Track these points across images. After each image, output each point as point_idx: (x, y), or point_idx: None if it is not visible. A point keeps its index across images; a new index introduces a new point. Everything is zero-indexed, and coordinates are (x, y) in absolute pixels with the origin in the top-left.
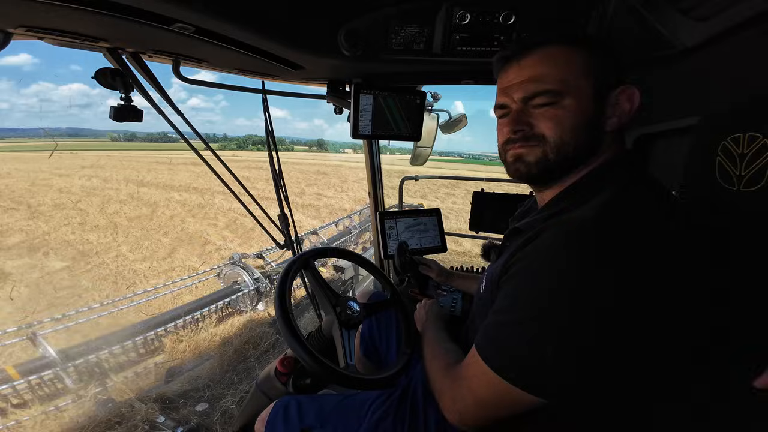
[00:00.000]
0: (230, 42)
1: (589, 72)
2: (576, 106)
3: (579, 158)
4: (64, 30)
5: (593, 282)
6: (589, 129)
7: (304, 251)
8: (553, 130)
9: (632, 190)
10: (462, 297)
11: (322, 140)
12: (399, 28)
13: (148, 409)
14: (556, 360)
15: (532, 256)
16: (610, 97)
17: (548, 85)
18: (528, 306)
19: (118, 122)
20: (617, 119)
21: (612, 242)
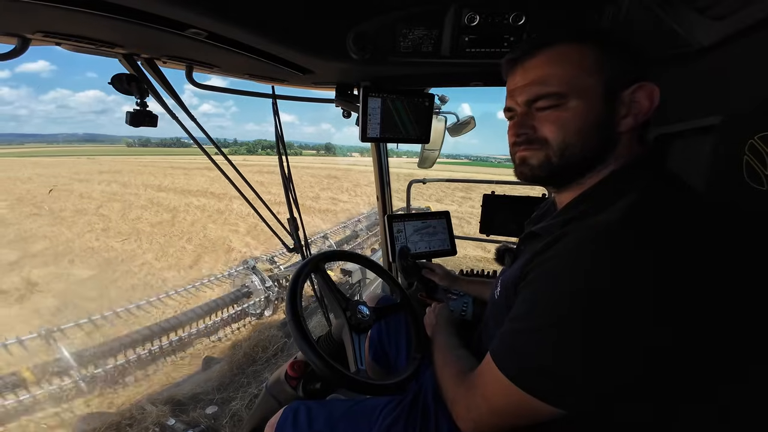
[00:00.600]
0: (241, 47)
1: (600, 69)
2: (583, 107)
3: (589, 161)
4: (81, 36)
5: (624, 284)
6: (599, 130)
7: (314, 254)
8: (556, 133)
9: (658, 191)
10: (473, 301)
11: (330, 144)
12: (407, 30)
13: (158, 412)
14: (578, 369)
15: (553, 261)
16: (624, 95)
17: (552, 87)
18: (548, 312)
19: (134, 127)
20: (632, 118)
21: (641, 244)
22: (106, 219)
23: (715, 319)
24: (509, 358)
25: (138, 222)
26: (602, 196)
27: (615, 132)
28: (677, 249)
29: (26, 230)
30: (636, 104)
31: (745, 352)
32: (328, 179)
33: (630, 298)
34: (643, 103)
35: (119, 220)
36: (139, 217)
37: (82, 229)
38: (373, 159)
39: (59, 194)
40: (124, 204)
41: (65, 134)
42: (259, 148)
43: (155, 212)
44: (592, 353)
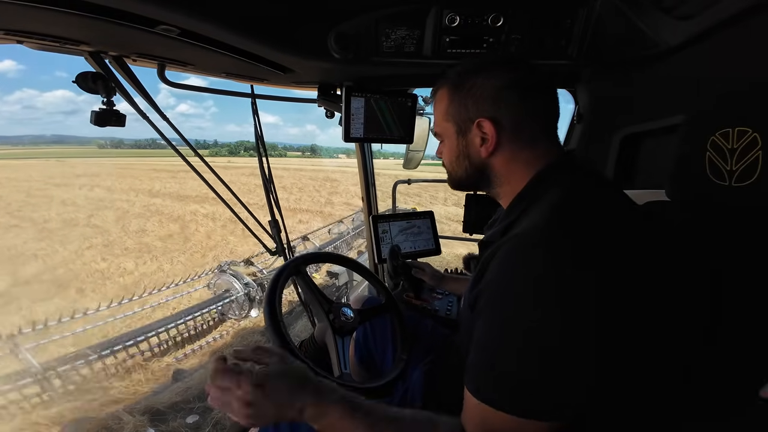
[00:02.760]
0: (217, 45)
1: (449, 112)
2: (449, 143)
3: (472, 181)
4: (44, 33)
5: (565, 285)
6: (464, 159)
7: (294, 257)
8: (444, 160)
9: (577, 187)
10: (457, 300)
11: (315, 146)
12: (389, 30)
13: (136, 422)
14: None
15: (494, 283)
16: (471, 130)
17: (436, 128)
18: (503, 336)
19: (100, 127)
20: (485, 149)
21: (568, 243)
22: (102, 231)
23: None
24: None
25: (143, 235)
26: (523, 203)
27: (479, 158)
28: (603, 242)
29: (9, 247)
30: (486, 134)
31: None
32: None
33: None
34: (489, 132)
35: (119, 232)
36: (142, 228)
37: (80, 246)
38: (357, 159)
39: (38, 201)
40: (118, 212)
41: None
42: (242, 149)
43: (159, 222)
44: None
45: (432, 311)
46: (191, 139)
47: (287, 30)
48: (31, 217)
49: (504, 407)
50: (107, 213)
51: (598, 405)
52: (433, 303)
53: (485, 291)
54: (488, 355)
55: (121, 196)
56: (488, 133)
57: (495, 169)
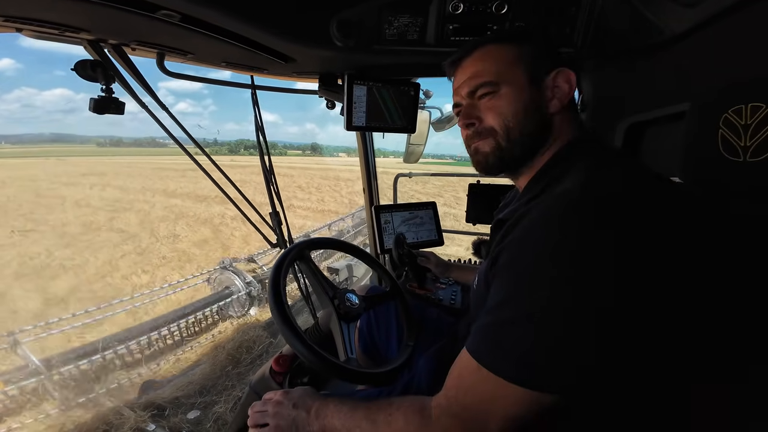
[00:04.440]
0: (218, 31)
1: (520, 61)
2: (513, 93)
3: (531, 141)
4: (43, 20)
5: (594, 246)
6: (531, 112)
7: (299, 241)
8: (498, 119)
9: (611, 158)
10: (461, 290)
11: (316, 144)
12: (392, 17)
13: (137, 417)
14: (570, 343)
15: (518, 241)
16: (547, 81)
17: (485, 77)
18: (525, 294)
19: (98, 114)
20: (558, 101)
21: (605, 205)
22: (130, 237)
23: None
24: (491, 351)
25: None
26: (557, 171)
27: (547, 113)
28: (641, 210)
29: (32, 256)
30: (558, 88)
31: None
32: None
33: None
34: (563, 86)
35: (149, 238)
36: (173, 233)
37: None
38: (359, 150)
39: (49, 202)
40: (140, 215)
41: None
42: (242, 148)
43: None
44: (580, 324)
45: (436, 300)
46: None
47: (289, 17)
48: (47, 219)
49: (498, 368)
50: (128, 215)
51: (596, 384)
52: (437, 292)
53: (506, 249)
54: (499, 312)
55: (137, 197)
56: (562, 87)
57: (554, 130)
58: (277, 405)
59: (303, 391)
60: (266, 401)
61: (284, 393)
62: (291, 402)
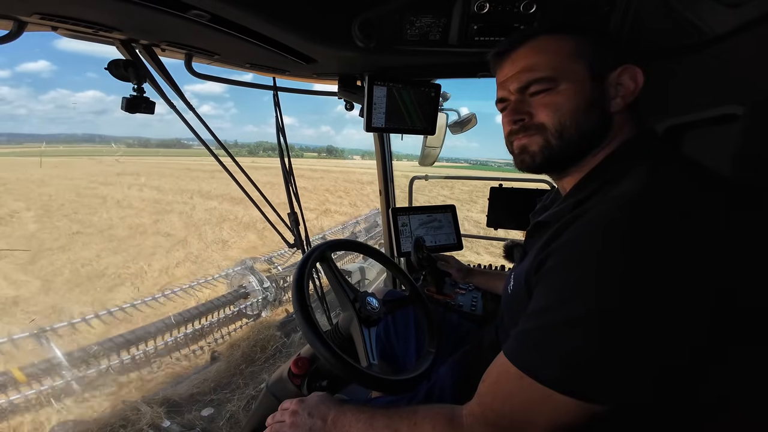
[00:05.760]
0: (244, 32)
1: (581, 55)
2: (573, 89)
3: (586, 141)
4: (79, 18)
5: (659, 253)
6: (592, 110)
7: (321, 243)
8: (552, 116)
9: (674, 160)
10: (482, 296)
11: (332, 146)
12: (414, 18)
13: (153, 413)
14: (627, 351)
15: (570, 245)
16: (610, 77)
17: (541, 72)
18: (578, 300)
19: (130, 113)
20: (621, 99)
21: (671, 211)
22: (179, 241)
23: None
24: (537, 357)
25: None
26: (611, 173)
27: (608, 112)
28: (710, 218)
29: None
30: (622, 86)
31: None
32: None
33: (677, 263)
34: (629, 84)
35: (198, 243)
36: (220, 238)
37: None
38: (376, 152)
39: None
40: (182, 217)
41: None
42: (261, 150)
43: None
44: (646, 334)
45: (456, 306)
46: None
47: (312, 17)
48: (92, 221)
49: (543, 376)
50: (172, 218)
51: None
52: (457, 298)
53: (555, 253)
54: (546, 317)
55: (175, 198)
56: (626, 84)
57: (613, 130)
58: (293, 415)
59: (318, 399)
60: (283, 411)
61: (299, 402)
62: (306, 411)
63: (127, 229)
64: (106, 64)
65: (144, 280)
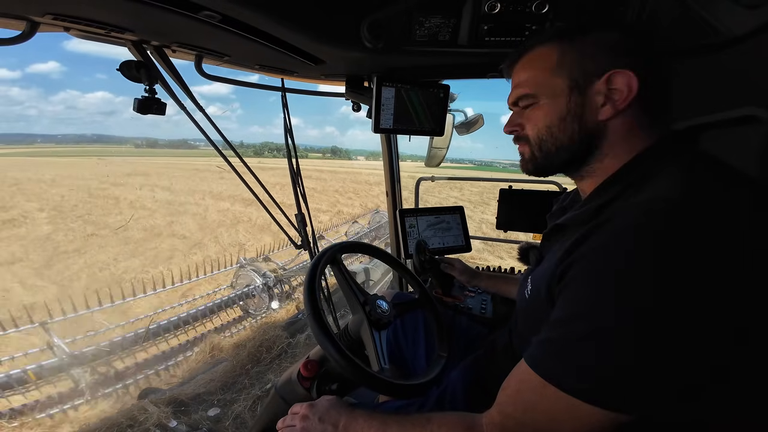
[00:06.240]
0: (254, 33)
1: (562, 66)
2: (550, 104)
3: (567, 152)
4: (91, 19)
5: (692, 260)
6: (568, 123)
7: (332, 244)
8: (533, 129)
9: (703, 163)
10: (491, 299)
11: (336, 147)
12: (423, 18)
13: (160, 413)
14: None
15: (602, 250)
16: (597, 85)
17: (525, 89)
18: (606, 309)
19: (142, 114)
20: (611, 106)
21: (701, 215)
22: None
23: None
24: (560, 366)
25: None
26: (633, 178)
27: (592, 121)
28: (745, 219)
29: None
30: (615, 91)
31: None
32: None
33: (712, 273)
34: (621, 89)
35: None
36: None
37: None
38: (383, 153)
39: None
40: (196, 218)
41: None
42: (266, 150)
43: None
44: (676, 344)
45: (465, 309)
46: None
47: (321, 18)
48: (106, 222)
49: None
50: (185, 219)
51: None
52: (466, 301)
53: (581, 259)
54: (571, 326)
55: (187, 199)
56: (620, 89)
57: (608, 137)
58: (304, 419)
59: (329, 403)
60: (293, 415)
61: (309, 406)
62: (317, 415)
63: (142, 230)
64: (118, 65)
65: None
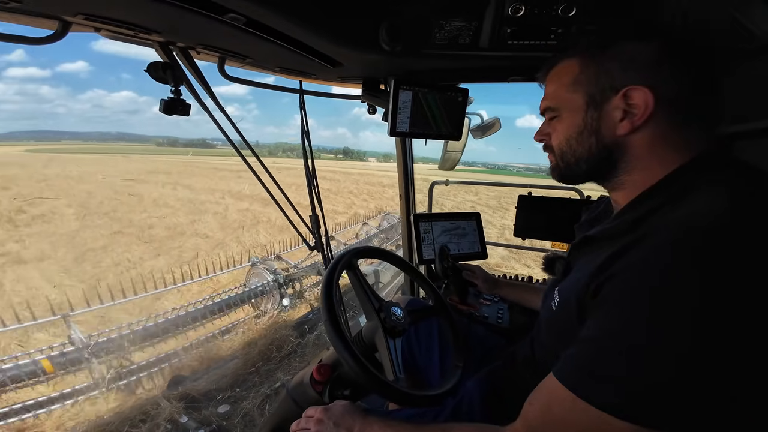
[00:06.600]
0: (276, 36)
1: (580, 82)
2: (570, 117)
3: (586, 164)
4: (121, 20)
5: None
6: (590, 136)
7: (348, 249)
8: (556, 141)
9: (750, 177)
10: (508, 308)
11: (348, 148)
12: (443, 21)
13: (172, 408)
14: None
15: (637, 268)
16: (614, 101)
17: (550, 101)
18: (644, 327)
19: (167, 115)
20: (628, 122)
21: (749, 234)
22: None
23: None
24: (593, 382)
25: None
26: (672, 192)
27: (612, 135)
28: None
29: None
30: (633, 106)
31: None
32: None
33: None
34: (639, 104)
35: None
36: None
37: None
38: (397, 156)
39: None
40: (217, 218)
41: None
42: (280, 150)
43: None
44: (710, 365)
45: (481, 318)
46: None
47: (341, 20)
48: (131, 220)
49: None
50: (207, 218)
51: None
52: (482, 309)
53: (618, 275)
54: (607, 342)
55: (208, 198)
56: (638, 105)
57: (631, 151)
58: (318, 423)
59: (343, 408)
60: (308, 419)
61: (324, 410)
62: (332, 420)
63: (165, 229)
64: (146, 66)
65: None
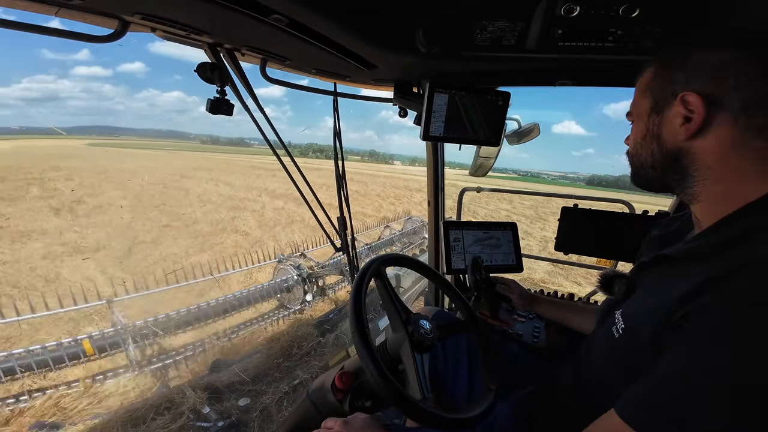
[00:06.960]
0: (314, 36)
1: (650, 88)
2: (638, 122)
3: (651, 169)
4: (176, 21)
5: None
6: (652, 141)
7: (376, 257)
8: (629, 144)
9: None
10: (545, 326)
11: (374, 151)
12: (486, 22)
13: (196, 398)
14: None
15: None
16: (673, 107)
17: (630, 107)
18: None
19: (213, 114)
20: (684, 129)
21: None
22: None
23: None
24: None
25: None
26: None
27: (674, 141)
28: None
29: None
30: (693, 112)
31: None
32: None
33: None
34: (697, 110)
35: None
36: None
37: None
38: (427, 161)
39: (175, 194)
40: (255, 215)
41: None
42: (311, 151)
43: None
44: None
45: (515, 335)
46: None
47: (378, 23)
48: (178, 213)
49: None
50: (246, 215)
51: None
52: (516, 326)
53: (713, 308)
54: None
55: (246, 195)
56: (697, 111)
57: (699, 159)
58: None
59: (363, 422)
60: (327, 430)
61: (344, 423)
62: None
63: (209, 224)
64: (195, 67)
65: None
